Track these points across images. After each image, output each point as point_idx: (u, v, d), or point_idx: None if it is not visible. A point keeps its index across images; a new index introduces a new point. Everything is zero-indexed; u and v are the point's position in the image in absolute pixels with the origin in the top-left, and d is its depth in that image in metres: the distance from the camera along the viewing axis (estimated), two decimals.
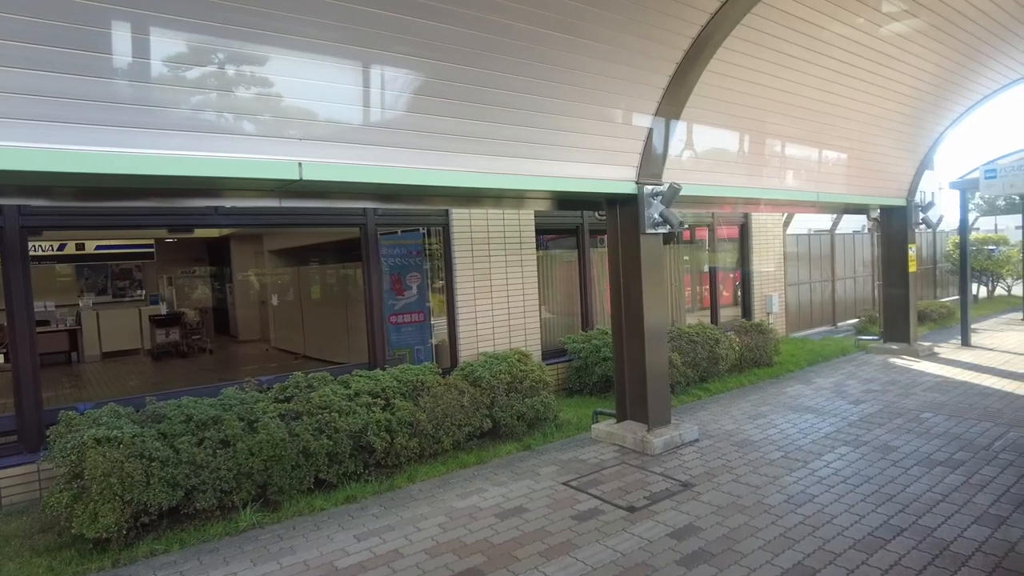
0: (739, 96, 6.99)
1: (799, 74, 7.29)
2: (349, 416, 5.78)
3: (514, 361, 7.33)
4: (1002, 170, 10.26)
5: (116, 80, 3.55)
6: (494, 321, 8.38)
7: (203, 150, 3.92)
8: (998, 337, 11.99)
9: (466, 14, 4.51)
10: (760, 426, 6.89)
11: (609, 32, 5.29)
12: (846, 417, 7.07)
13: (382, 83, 4.62)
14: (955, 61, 8.50)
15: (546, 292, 9.34)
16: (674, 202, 6.19)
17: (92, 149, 3.53)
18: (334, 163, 4.39)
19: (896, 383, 8.60)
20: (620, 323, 6.60)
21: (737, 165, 7.48)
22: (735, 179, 7.44)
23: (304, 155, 4.28)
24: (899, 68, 8.19)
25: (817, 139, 8.47)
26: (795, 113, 7.82)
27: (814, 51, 7.11)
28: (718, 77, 6.59)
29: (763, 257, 12.21)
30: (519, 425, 6.84)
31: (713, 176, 7.20)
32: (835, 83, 7.80)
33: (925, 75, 8.55)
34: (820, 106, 8.00)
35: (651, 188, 6.23)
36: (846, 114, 8.41)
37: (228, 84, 3.94)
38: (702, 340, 8.92)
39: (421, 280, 8.64)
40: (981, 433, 6.33)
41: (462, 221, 8.07)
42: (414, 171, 4.80)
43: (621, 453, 6.23)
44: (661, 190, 6.21)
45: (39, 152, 3.38)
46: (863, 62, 7.68)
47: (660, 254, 6.44)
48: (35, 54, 3.28)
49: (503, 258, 8.46)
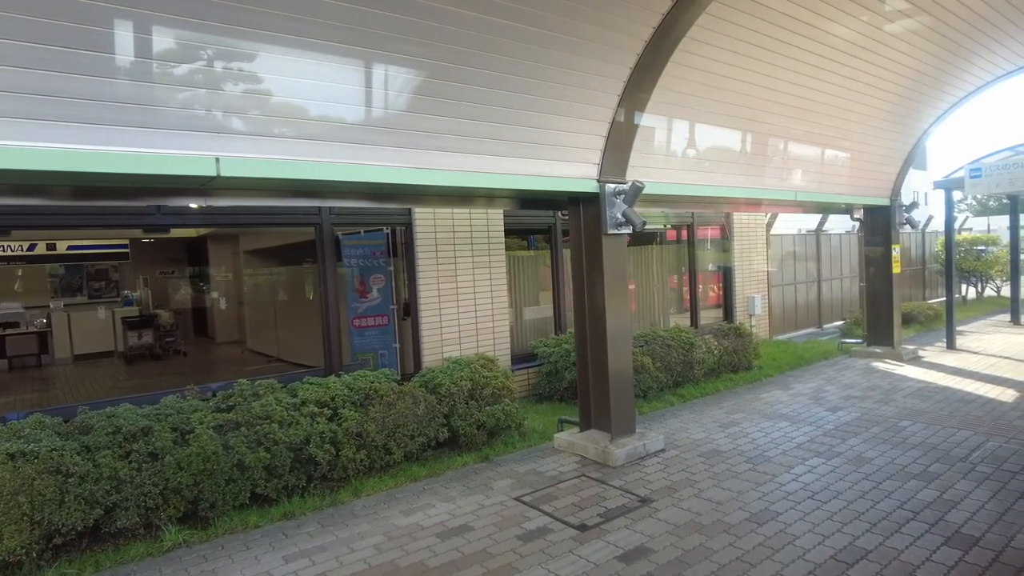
0: (710, 91, 6.69)
1: (775, 68, 7.00)
2: (290, 427, 5.48)
3: (477, 367, 7.02)
4: (987, 169, 9.99)
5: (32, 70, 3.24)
6: (460, 325, 8.07)
7: (126, 145, 3.61)
8: (984, 340, 11.72)
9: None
10: (731, 435, 6.59)
11: (565, 20, 4.99)
12: (821, 426, 6.78)
13: (318, 75, 4.31)
14: (938, 56, 8.22)
15: (517, 294, 9.03)
16: (637, 201, 5.88)
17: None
18: (255, 159, 4.07)
19: (877, 389, 8.32)
20: (584, 327, 6.30)
21: (708, 163, 7.18)
22: (705, 177, 7.14)
23: (224, 150, 3.96)
24: (879, 63, 7.90)
25: (794, 136, 8.18)
26: (771, 109, 7.53)
27: (790, 44, 6.82)
28: (685, 70, 6.29)
29: (745, 258, 11.93)
30: (479, 435, 6.52)
31: (682, 175, 6.90)
32: (813, 77, 7.51)
33: (907, 70, 8.27)
34: (797, 101, 7.71)
35: (613, 187, 5.93)
36: (825, 110, 8.12)
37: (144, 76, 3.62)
38: (677, 344, 8.63)
39: (385, 282, 8.34)
40: (959, 443, 6.05)
41: (426, 220, 7.76)
42: (345, 167, 4.49)
43: (582, 465, 5.92)
44: (624, 189, 5.90)
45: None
46: (842, 56, 7.39)
47: (624, 255, 6.14)
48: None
49: (470, 259, 8.15)
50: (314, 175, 4.41)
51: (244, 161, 4.00)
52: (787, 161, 8.24)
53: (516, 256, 8.97)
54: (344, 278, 8.44)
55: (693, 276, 11.14)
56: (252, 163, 4.01)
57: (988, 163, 10.05)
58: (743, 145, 7.60)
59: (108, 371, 12.67)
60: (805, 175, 8.57)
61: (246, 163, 4.00)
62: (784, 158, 8.19)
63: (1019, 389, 7.98)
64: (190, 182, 4.10)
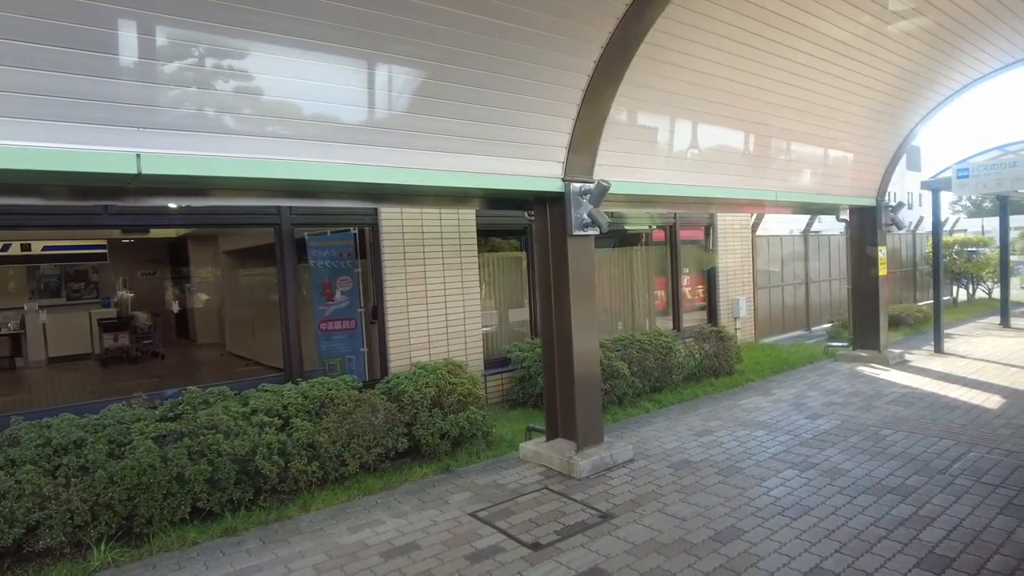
0: (684, 87, 6.44)
1: (757, 65, 6.75)
2: (236, 438, 5.21)
3: (443, 373, 6.77)
4: (975, 169, 9.76)
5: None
6: (430, 329, 7.81)
7: None
8: (973, 343, 11.48)
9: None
10: (704, 444, 6.33)
11: (524, 10, 4.72)
12: (799, 435, 6.53)
13: (259, 68, 4.05)
14: (924, 54, 7.98)
15: (492, 297, 8.77)
16: (603, 201, 5.63)
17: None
18: (181, 155, 3.80)
19: (860, 395, 8.07)
20: (550, 332, 6.04)
21: (685, 162, 6.93)
22: (681, 177, 6.89)
23: (145, 146, 3.69)
24: (864, 60, 7.66)
25: (776, 135, 7.93)
26: (752, 107, 7.28)
27: (773, 41, 6.58)
28: (662, 66, 6.06)
29: (730, 259, 11.68)
30: (442, 444, 6.26)
31: (658, 174, 6.64)
32: (795, 75, 7.26)
33: (892, 68, 8.02)
34: (779, 99, 7.46)
35: (579, 186, 5.68)
36: (807, 107, 7.87)
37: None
38: (654, 348, 8.38)
39: (352, 284, 8.06)
40: (940, 453, 5.80)
41: (392, 221, 7.50)
42: (286, 164, 4.22)
43: (545, 476, 5.66)
44: (590, 188, 5.64)
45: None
46: (826, 52, 7.14)
47: (590, 257, 5.88)
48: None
49: (440, 261, 7.89)
50: (263, 173, 4.16)
51: (166, 158, 3.73)
52: (768, 160, 7.99)
53: (490, 258, 8.70)
54: (310, 280, 8.20)
55: (676, 278, 10.89)
56: (174, 160, 3.74)
57: (976, 163, 9.82)
58: (722, 144, 7.35)
59: (79, 375, 12.38)
60: (787, 175, 8.33)
61: (169, 160, 3.73)
62: (765, 157, 7.94)
63: (1005, 395, 7.74)
64: (111, 180, 3.82)
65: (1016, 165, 9.27)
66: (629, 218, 10.67)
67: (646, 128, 6.43)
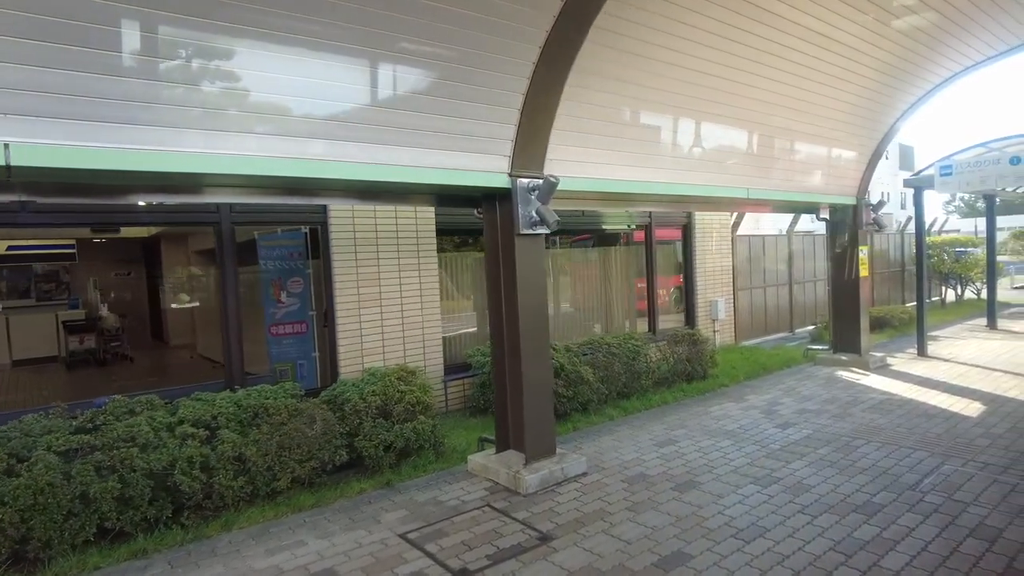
0: (646, 77, 6.09)
1: (722, 54, 6.40)
2: (155, 451, 4.84)
3: (392, 380, 6.40)
4: (958, 167, 9.42)
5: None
6: (384, 333, 7.44)
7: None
8: (957, 346, 11.15)
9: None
10: (665, 456, 5.98)
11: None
12: (767, 445, 6.17)
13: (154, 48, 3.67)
14: (904, 46, 7.64)
15: (453, 299, 8.39)
16: (552, 198, 5.26)
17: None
18: (57, 146, 3.42)
19: (836, 401, 7.72)
20: (500, 337, 5.67)
21: (646, 157, 6.56)
22: (642, 173, 6.52)
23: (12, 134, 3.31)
24: (840, 51, 7.31)
25: (748, 129, 7.58)
26: (719, 99, 6.92)
27: (741, 29, 6.23)
28: (616, 53, 5.69)
29: (708, 260, 11.33)
30: (386, 457, 5.88)
31: (615, 169, 6.28)
32: (768, 66, 6.91)
33: (870, 59, 7.67)
34: (749, 91, 7.10)
35: (528, 182, 5.31)
36: (781, 101, 7.52)
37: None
38: (622, 353, 8.02)
39: (303, 286, 7.69)
40: (912, 466, 5.45)
41: (343, 219, 7.13)
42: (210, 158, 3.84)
43: (490, 492, 5.30)
44: (538, 184, 5.27)
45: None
46: (799, 43, 6.79)
47: (540, 258, 5.52)
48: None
49: (396, 261, 7.51)
50: (165, 167, 3.79)
51: (41, 148, 3.35)
52: (739, 156, 7.64)
53: (452, 257, 8.33)
54: (261, 281, 7.84)
55: (651, 279, 10.52)
56: (53, 152, 3.36)
57: (959, 160, 9.48)
58: (688, 139, 6.99)
59: (39, 378, 11.98)
60: (760, 171, 7.97)
61: (47, 151, 3.35)
62: (736, 153, 7.58)
63: (985, 402, 7.40)
64: None
65: (999, 162, 8.94)
66: (607, 217, 10.31)
67: (604, 122, 6.06)
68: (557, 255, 9.93)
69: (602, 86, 5.81)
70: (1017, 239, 22.27)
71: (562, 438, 6.67)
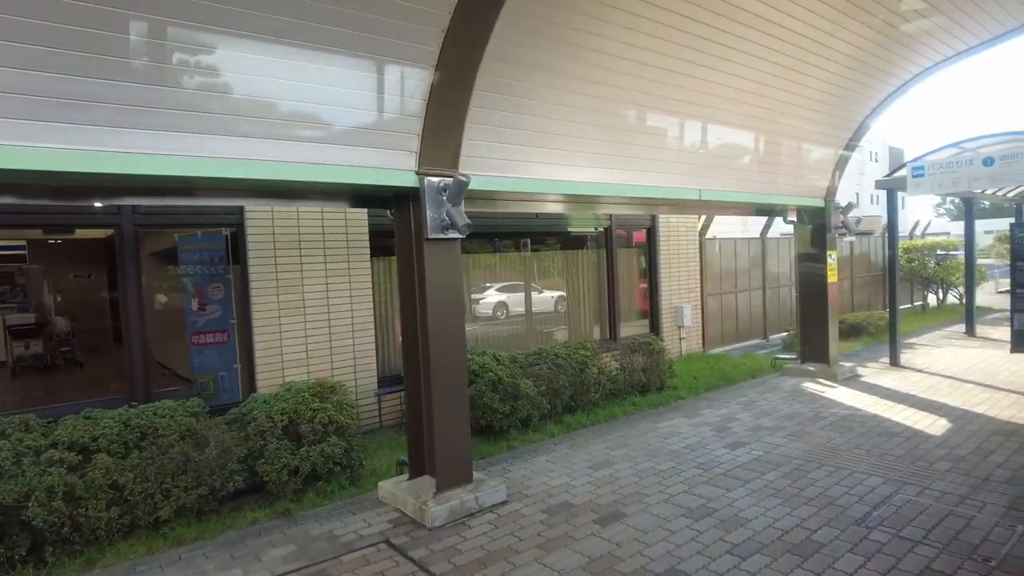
0: (578, 67, 5.57)
1: (667, 44, 5.89)
2: (9, 480, 4.30)
3: (305, 396, 5.87)
4: (930, 168, 8.94)
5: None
6: (309, 343, 6.91)
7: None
8: (933, 354, 10.68)
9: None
10: (597, 480, 5.46)
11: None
12: (710, 469, 5.66)
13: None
14: (870, 39, 7.14)
15: (390, 306, 7.85)
16: (463, 198, 4.75)
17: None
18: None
19: (796, 417, 7.22)
20: (414, 352, 5.15)
21: (582, 155, 6.04)
22: (577, 172, 6.00)
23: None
24: (804, 44, 6.81)
25: (701, 126, 7.07)
26: (665, 92, 6.40)
27: (689, 18, 5.72)
28: (549, 42, 5.18)
29: (673, 264, 10.83)
30: (291, 482, 5.36)
31: (546, 168, 5.76)
32: (723, 59, 6.40)
33: (836, 53, 7.17)
34: (703, 85, 6.59)
35: (438, 181, 4.79)
36: (737, 95, 7.01)
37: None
38: (569, 364, 7.50)
39: (224, 292, 7.16)
40: (863, 495, 4.95)
41: (261, 221, 6.61)
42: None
43: (394, 524, 4.77)
44: (448, 183, 4.76)
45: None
46: (751, 32, 6.28)
47: (455, 265, 4.99)
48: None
49: (322, 266, 6.99)
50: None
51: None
52: (691, 155, 7.12)
53: (388, 262, 7.79)
54: (182, 287, 7.32)
55: (612, 284, 10.01)
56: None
57: (931, 161, 9.00)
58: (633, 135, 6.47)
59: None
60: (715, 171, 7.46)
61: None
62: (688, 152, 7.07)
63: (953, 418, 6.92)
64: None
65: (972, 163, 8.46)
66: (565, 220, 9.81)
67: (534, 117, 5.54)
68: (510, 258, 9.43)
69: (531, 78, 5.30)
70: (1003, 242, 21.85)
71: (493, 459, 6.16)
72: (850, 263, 15.70)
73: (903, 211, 47.38)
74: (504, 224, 8.97)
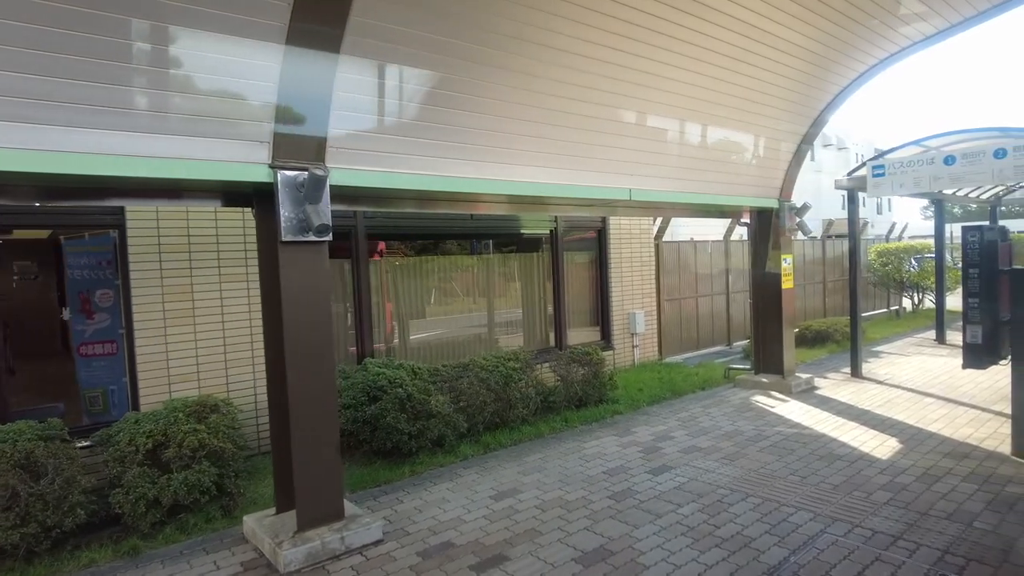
0: (500, 56, 4.97)
1: (589, 30, 5.29)
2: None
3: (180, 416, 5.29)
4: (890, 166, 8.39)
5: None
6: (200, 355, 6.30)
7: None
8: (898, 364, 10.13)
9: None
10: (494, 514, 4.87)
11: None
12: (623, 500, 5.08)
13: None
14: (824, 30, 6.56)
15: None
16: (321, 195, 4.15)
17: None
18: None
19: (736, 437, 6.65)
20: (275, 370, 4.54)
21: (480, 149, 5.43)
22: (472, 169, 5.39)
23: None
24: (739, 29, 6.23)
25: (632, 118, 6.48)
26: (592, 84, 5.81)
27: (618, 2, 5.13)
28: (435, 17, 4.57)
29: (625, 268, 10.25)
30: (150, 514, 4.75)
31: (444, 164, 5.16)
32: (658, 47, 5.82)
33: (784, 43, 6.59)
34: (632, 75, 6.00)
35: (294, 175, 4.18)
36: (675, 88, 6.42)
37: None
38: (492, 378, 6.90)
39: (114, 299, 6.54)
40: (785, 535, 4.37)
41: (144, 222, 6.00)
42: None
43: (247, 568, 4.17)
44: (307, 178, 4.15)
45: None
46: (695, 22, 5.71)
47: (318, 271, 4.38)
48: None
49: (216, 271, 6.38)
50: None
51: None
52: (619, 151, 6.53)
53: None
54: (69, 294, 6.71)
55: (559, 290, 9.43)
56: None
57: (892, 160, 8.45)
58: (549, 127, 5.87)
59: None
60: (649, 168, 6.87)
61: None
62: (615, 148, 6.47)
63: (904, 438, 6.36)
64: None
65: (934, 162, 7.90)
66: (515, 221, 9.20)
67: (426, 105, 4.95)
68: (448, 262, 8.83)
69: (442, 63, 4.71)
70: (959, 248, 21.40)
71: (389, 487, 5.56)
72: (822, 266, 15.17)
73: (888, 213, 47.05)
74: (433, 227, 8.37)
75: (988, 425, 6.66)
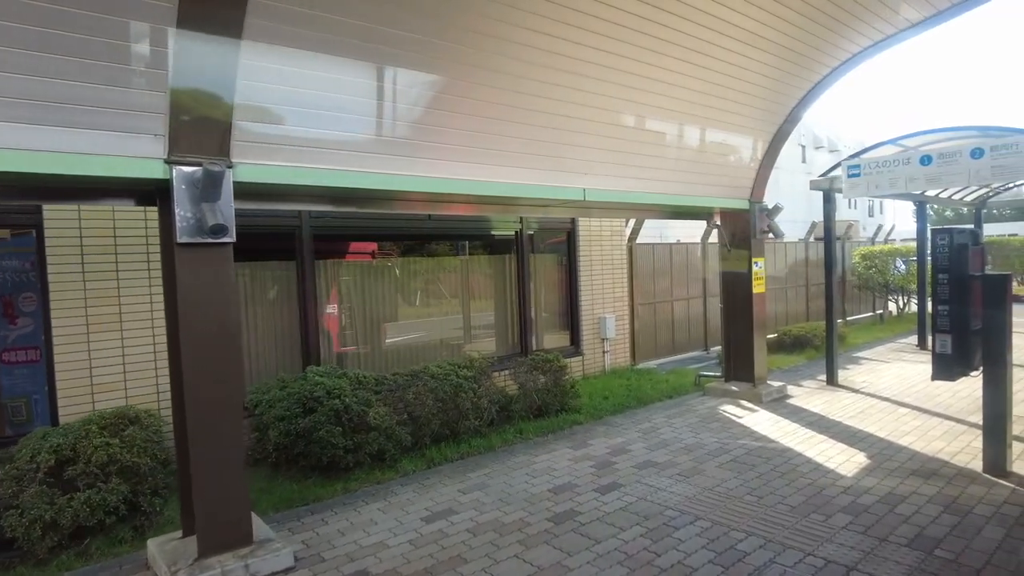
0: (454, 48, 4.62)
1: (547, 21, 4.94)
2: None
3: (93, 429, 4.94)
4: (866, 166, 8.06)
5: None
6: (128, 364, 5.94)
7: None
8: (876, 371, 9.81)
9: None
10: (420, 539, 4.51)
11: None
12: (563, 522, 4.73)
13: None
14: (793, 23, 6.22)
15: (244, 320, 6.87)
16: (218, 195, 3.79)
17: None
18: None
19: (696, 450, 6.31)
20: (177, 381, 4.18)
21: (416, 145, 5.09)
22: (405, 165, 5.04)
23: None
24: (706, 23, 5.89)
25: (589, 113, 6.13)
26: (544, 77, 5.46)
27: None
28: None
29: (596, 271, 9.91)
30: (47, 538, 4.39)
31: (363, 159, 4.80)
32: (608, 37, 5.48)
33: (750, 35, 6.26)
34: (586, 68, 5.66)
35: (192, 171, 3.82)
36: (631, 82, 6.08)
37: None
38: (441, 387, 6.54)
39: (38, 303, 6.17)
40: (731, 565, 4.02)
41: (64, 221, 5.65)
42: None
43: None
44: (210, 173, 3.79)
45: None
46: (642, 6, 5.36)
47: (218, 277, 4.02)
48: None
49: (146, 274, 6.02)
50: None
51: None
52: (574, 149, 6.18)
53: (239, 269, 6.81)
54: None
55: (524, 294, 9.07)
56: None
57: (868, 159, 8.12)
58: (497, 121, 5.52)
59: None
60: (606, 167, 6.52)
61: None
62: (569, 145, 6.12)
63: (872, 452, 6.03)
64: None
65: (910, 162, 7.58)
66: (479, 221, 8.84)
67: (345, 96, 4.59)
68: (408, 264, 8.48)
69: (341, 47, 4.36)
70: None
71: (317, 506, 5.21)
72: (806, 269, 14.86)
73: (880, 215, 46.82)
74: (387, 227, 8.03)
75: (961, 439, 6.34)
